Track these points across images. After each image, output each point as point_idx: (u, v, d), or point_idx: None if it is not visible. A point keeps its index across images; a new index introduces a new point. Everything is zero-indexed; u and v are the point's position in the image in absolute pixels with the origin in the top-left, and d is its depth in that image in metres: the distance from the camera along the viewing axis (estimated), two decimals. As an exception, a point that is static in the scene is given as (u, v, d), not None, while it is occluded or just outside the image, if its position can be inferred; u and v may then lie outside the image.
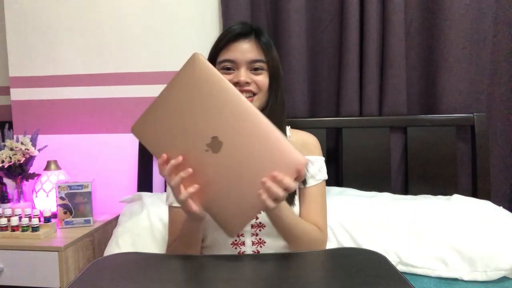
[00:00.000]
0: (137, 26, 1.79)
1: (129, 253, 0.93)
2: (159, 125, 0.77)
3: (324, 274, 0.77)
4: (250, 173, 0.73)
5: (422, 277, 1.15)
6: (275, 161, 0.72)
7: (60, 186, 1.54)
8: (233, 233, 0.80)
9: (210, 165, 0.74)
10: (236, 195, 0.75)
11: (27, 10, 1.84)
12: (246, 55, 0.96)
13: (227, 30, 1.00)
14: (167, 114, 0.76)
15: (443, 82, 1.55)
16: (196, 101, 0.74)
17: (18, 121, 1.88)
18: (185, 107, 0.74)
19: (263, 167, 0.73)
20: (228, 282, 0.71)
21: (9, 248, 1.41)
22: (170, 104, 0.76)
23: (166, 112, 0.76)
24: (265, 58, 0.98)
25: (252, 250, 0.98)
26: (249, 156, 0.73)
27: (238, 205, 0.76)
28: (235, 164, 0.74)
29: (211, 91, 0.73)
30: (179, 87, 0.75)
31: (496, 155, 1.59)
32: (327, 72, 1.67)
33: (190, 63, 0.75)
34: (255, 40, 0.98)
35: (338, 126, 1.59)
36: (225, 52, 0.98)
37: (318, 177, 1.04)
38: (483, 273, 1.12)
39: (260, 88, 0.97)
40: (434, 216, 1.22)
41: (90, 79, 1.83)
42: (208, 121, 0.73)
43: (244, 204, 0.76)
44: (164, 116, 0.76)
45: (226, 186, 0.75)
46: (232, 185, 0.75)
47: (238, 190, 0.75)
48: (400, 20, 1.54)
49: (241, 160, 0.73)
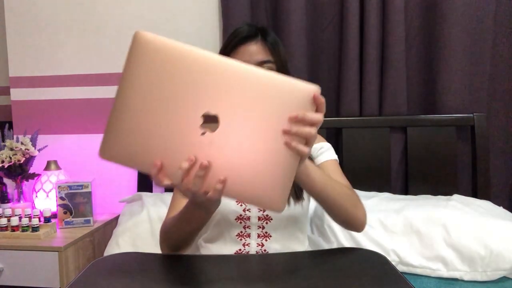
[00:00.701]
0: (137, 26, 1.79)
1: (129, 253, 0.93)
2: (131, 133, 0.62)
3: (324, 274, 0.77)
4: (266, 130, 0.61)
5: (422, 277, 1.15)
6: (287, 104, 0.61)
7: (60, 186, 1.54)
8: (282, 207, 0.65)
9: (216, 146, 0.61)
10: (261, 164, 0.62)
11: (27, 10, 1.84)
12: (254, 57, 0.98)
13: (234, 33, 1.01)
14: (135, 117, 0.62)
15: (443, 82, 1.55)
16: (165, 86, 0.61)
17: (18, 121, 1.88)
18: (154, 98, 0.61)
19: (277, 118, 0.61)
20: (229, 282, 0.71)
21: (9, 248, 1.41)
22: (133, 103, 0.62)
23: (133, 114, 0.62)
24: (273, 58, 0.99)
25: (257, 243, 0.98)
26: (256, 114, 0.61)
27: (270, 174, 0.62)
28: (244, 131, 0.61)
29: (177, 67, 0.61)
30: (135, 80, 0.62)
31: (496, 155, 1.59)
32: (327, 72, 1.67)
33: (136, 47, 0.62)
34: (262, 41, 0.99)
35: (338, 126, 1.59)
36: (233, 55, 0.99)
37: (325, 156, 1.05)
38: (483, 273, 1.12)
39: None
40: (434, 216, 1.22)
41: (90, 79, 1.83)
42: (189, 101, 0.61)
43: (276, 169, 0.62)
44: (133, 120, 0.62)
45: (246, 160, 0.62)
46: (252, 155, 0.62)
47: (261, 157, 0.62)
48: (400, 20, 1.54)
49: (248, 123, 0.61)
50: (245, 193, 0.63)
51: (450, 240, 1.17)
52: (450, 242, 1.17)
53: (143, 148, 0.62)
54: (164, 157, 0.62)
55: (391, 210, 1.29)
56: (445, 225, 1.20)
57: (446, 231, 1.19)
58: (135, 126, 0.62)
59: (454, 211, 1.25)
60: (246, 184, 0.63)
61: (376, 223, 1.25)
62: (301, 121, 0.62)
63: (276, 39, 1.02)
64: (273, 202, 0.64)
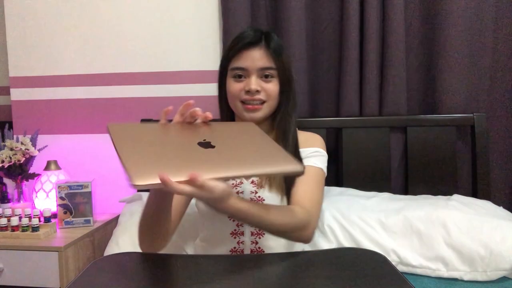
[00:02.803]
0: (137, 26, 1.79)
1: (129, 253, 0.92)
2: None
3: (324, 274, 0.77)
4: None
5: (422, 277, 1.15)
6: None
7: (60, 186, 1.54)
8: (300, 167, 0.76)
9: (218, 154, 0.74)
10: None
11: (27, 10, 1.84)
12: (257, 63, 0.99)
13: (239, 37, 1.03)
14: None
15: (443, 82, 1.55)
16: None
17: (18, 121, 1.88)
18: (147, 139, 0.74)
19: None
20: (229, 282, 0.71)
21: (9, 248, 1.41)
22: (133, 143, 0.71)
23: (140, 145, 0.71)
24: (275, 65, 1.01)
25: (251, 240, 0.99)
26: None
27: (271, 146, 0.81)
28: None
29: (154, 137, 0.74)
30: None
31: (496, 155, 1.59)
32: (327, 72, 1.67)
33: (114, 132, 0.72)
34: (265, 47, 1.00)
35: (338, 126, 1.59)
36: (236, 60, 1.01)
37: (311, 161, 1.02)
38: (483, 273, 1.12)
39: (269, 96, 1.01)
40: (434, 216, 1.22)
41: (89, 79, 1.83)
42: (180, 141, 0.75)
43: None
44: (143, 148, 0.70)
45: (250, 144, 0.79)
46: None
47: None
48: (400, 20, 1.54)
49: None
50: (263, 166, 0.74)
51: (450, 240, 1.17)
52: (450, 242, 1.17)
53: (170, 168, 0.65)
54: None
55: (391, 210, 1.29)
56: (445, 225, 1.20)
57: (446, 231, 1.19)
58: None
59: (454, 211, 1.25)
60: (259, 159, 0.75)
61: (376, 223, 1.25)
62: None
63: (279, 45, 1.02)
64: (289, 163, 0.75)
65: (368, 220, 1.26)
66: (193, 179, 0.64)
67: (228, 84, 1.04)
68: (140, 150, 0.69)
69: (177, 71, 1.78)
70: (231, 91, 1.02)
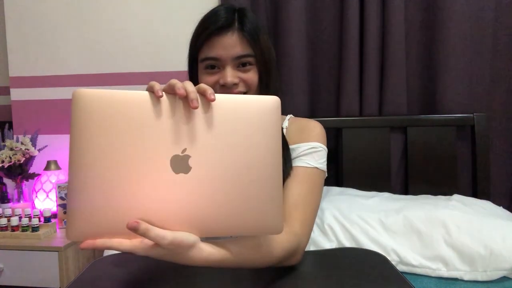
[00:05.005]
0: (137, 26, 1.79)
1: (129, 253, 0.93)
2: (97, 198, 0.53)
3: (324, 274, 0.77)
4: (240, 154, 0.57)
5: (422, 277, 1.15)
6: (254, 120, 0.58)
7: (60, 186, 1.54)
8: (281, 228, 0.60)
9: (193, 185, 0.55)
10: (246, 191, 0.57)
11: (27, 10, 1.84)
12: (231, 51, 0.85)
13: (207, 20, 0.89)
14: (95, 184, 0.53)
15: (443, 82, 1.55)
16: (121, 137, 0.53)
17: (18, 121, 1.88)
18: (111, 155, 0.53)
19: (247, 135, 0.57)
20: (229, 281, 0.71)
21: (9, 248, 1.41)
22: (91, 170, 0.53)
23: (92, 182, 0.53)
24: (253, 52, 0.86)
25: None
26: (226, 140, 0.56)
27: (256, 199, 0.57)
28: (219, 163, 0.56)
29: (128, 115, 0.53)
30: (85, 142, 0.54)
31: (496, 155, 1.59)
32: (327, 72, 1.67)
33: (77, 105, 0.53)
34: (239, 30, 0.86)
35: (338, 126, 1.59)
36: (206, 49, 0.87)
37: (305, 161, 0.89)
38: (483, 273, 1.12)
39: (249, 86, 0.88)
40: (434, 216, 1.22)
41: (90, 79, 1.83)
42: (151, 147, 0.54)
43: (262, 191, 0.58)
44: (95, 184, 0.53)
45: (230, 192, 0.56)
46: (232, 185, 0.56)
47: (245, 185, 0.57)
48: (400, 20, 1.54)
49: (221, 152, 0.56)
50: (239, 227, 0.58)
51: (450, 240, 1.17)
52: (450, 242, 1.17)
53: (116, 211, 0.53)
54: (143, 215, 0.53)
55: (391, 210, 1.29)
56: (445, 225, 1.19)
57: (446, 231, 1.18)
58: (98, 190, 0.53)
59: (454, 211, 1.25)
60: (237, 217, 0.57)
61: (376, 223, 1.25)
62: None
63: (256, 27, 0.87)
64: (271, 226, 0.59)
65: (368, 220, 1.26)
66: (132, 228, 0.51)
67: (200, 78, 0.89)
68: (92, 175, 0.53)
69: (177, 71, 1.78)
70: None
